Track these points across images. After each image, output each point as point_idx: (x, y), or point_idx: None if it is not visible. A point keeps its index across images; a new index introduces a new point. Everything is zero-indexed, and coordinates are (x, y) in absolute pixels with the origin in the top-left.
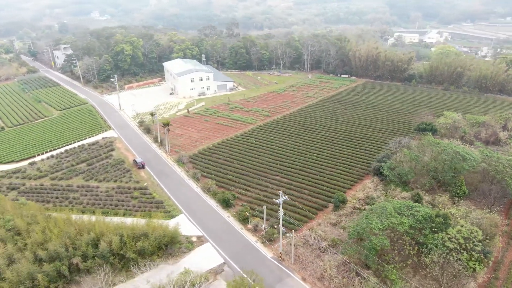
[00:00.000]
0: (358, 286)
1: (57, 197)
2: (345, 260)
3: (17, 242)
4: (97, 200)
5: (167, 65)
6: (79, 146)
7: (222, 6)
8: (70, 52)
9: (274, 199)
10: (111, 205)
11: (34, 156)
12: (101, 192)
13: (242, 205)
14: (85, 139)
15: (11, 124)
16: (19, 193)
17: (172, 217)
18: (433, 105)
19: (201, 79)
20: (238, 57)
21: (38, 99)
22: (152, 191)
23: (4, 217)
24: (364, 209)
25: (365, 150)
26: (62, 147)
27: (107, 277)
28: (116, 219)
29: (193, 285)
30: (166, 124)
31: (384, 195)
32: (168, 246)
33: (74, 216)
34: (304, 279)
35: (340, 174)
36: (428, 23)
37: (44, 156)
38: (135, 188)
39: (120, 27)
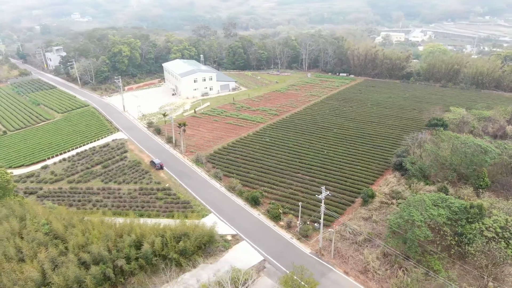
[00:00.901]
0: (402, 277)
1: (79, 200)
2: (384, 253)
3: (57, 246)
4: (121, 202)
5: (167, 65)
6: (90, 148)
7: (205, 7)
8: (63, 53)
9: (301, 195)
10: (137, 206)
11: (44, 160)
12: (123, 194)
13: (270, 203)
14: (94, 141)
15: (13, 128)
16: (38, 197)
17: (202, 216)
18: (434, 101)
19: (204, 79)
20: (236, 57)
21: (36, 102)
22: (175, 192)
23: (39, 221)
24: (392, 203)
25: (379, 146)
26: (72, 150)
27: (152, 277)
28: (148, 221)
29: (241, 282)
30: (182, 125)
31: (407, 189)
32: (206, 246)
33: (105, 219)
34: (346, 273)
35: (360, 170)
36: (410, 22)
37: (56, 159)
38: (158, 189)
39: (110, 28)
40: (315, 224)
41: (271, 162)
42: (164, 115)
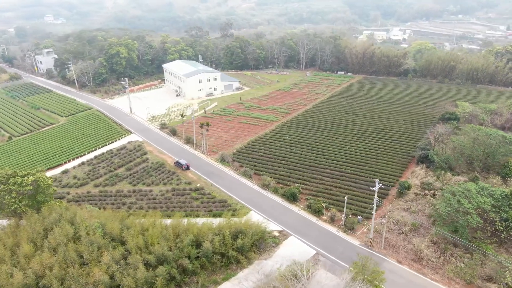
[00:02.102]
0: (455, 263)
1: (112, 203)
2: (432, 241)
3: (116, 248)
4: (156, 203)
5: (167, 66)
6: (107, 151)
7: (184, 7)
8: (53, 56)
9: (335, 190)
10: (174, 207)
11: (61, 164)
12: (156, 195)
13: (306, 199)
14: (109, 144)
15: (17, 133)
16: (68, 201)
17: (243, 214)
18: (435, 97)
19: (209, 80)
20: (234, 57)
21: (35, 106)
22: (209, 191)
23: (93, 224)
24: (425, 194)
25: (396, 140)
26: (88, 153)
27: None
28: (196, 220)
29: (305, 275)
30: (205, 124)
31: (436, 180)
32: (259, 242)
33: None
34: (399, 262)
35: (386, 164)
36: (387, 22)
37: (74, 163)
38: (190, 189)
39: (97, 29)
40: (358, 217)
41: (296, 159)
42: (182, 115)
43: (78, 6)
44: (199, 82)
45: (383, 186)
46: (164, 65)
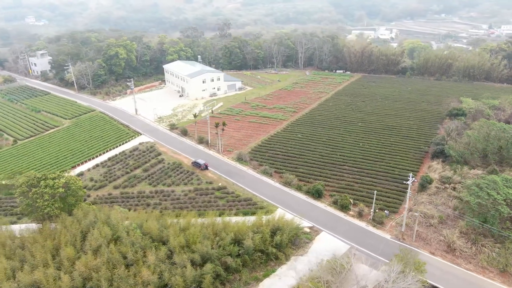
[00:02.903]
0: (487, 252)
1: (136, 204)
2: (461, 232)
3: (158, 248)
4: (181, 203)
5: (168, 67)
6: (120, 153)
7: (169, 8)
8: (48, 58)
9: (357, 186)
10: (200, 206)
11: (74, 167)
12: (180, 195)
13: (330, 195)
14: (119, 145)
15: (22, 136)
16: (90, 204)
17: (271, 212)
18: (435, 93)
19: (212, 80)
20: (233, 57)
21: (36, 109)
22: (233, 190)
23: (131, 224)
24: (445, 187)
25: (406, 136)
26: (99, 155)
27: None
28: (226, 219)
29: (346, 269)
30: (222, 124)
31: (454, 174)
32: (293, 238)
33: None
34: (432, 253)
35: (401, 159)
36: (372, 21)
37: (88, 165)
38: (213, 189)
39: (89, 31)
40: (385, 212)
41: (313, 157)
42: (195, 116)
43: (61, 7)
44: (203, 82)
45: (415, 179)
46: (164, 66)
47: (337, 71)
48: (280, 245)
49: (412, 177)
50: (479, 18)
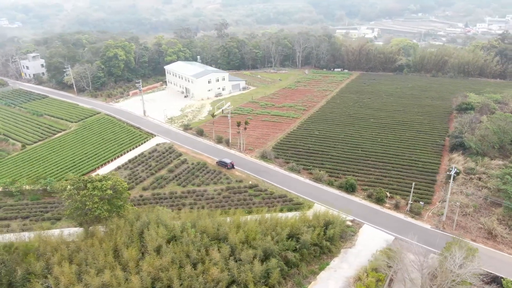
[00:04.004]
0: None
1: (171, 205)
2: (498, 219)
3: (216, 245)
4: (217, 202)
5: (170, 68)
6: (139, 154)
7: (148, 9)
8: (39, 60)
9: (386, 180)
10: (236, 205)
11: (94, 170)
12: (213, 195)
13: (363, 189)
14: (135, 147)
15: (29, 141)
16: (133, 206)
17: (309, 207)
18: (436, 89)
19: (217, 80)
20: (231, 57)
21: (37, 113)
22: (265, 188)
23: (185, 224)
24: (471, 178)
25: (419, 131)
26: (117, 158)
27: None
28: (267, 215)
29: (397, 257)
30: (244, 123)
31: (476, 165)
32: (341, 232)
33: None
34: (473, 241)
35: (420, 153)
36: (352, 21)
37: (109, 168)
38: (245, 187)
39: (77, 32)
40: (420, 203)
41: (336, 153)
42: (213, 115)
43: (35, 9)
44: (208, 82)
45: (458, 170)
46: (166, 67)
47: (335, 69)
48: (332, 238)
49: (455, 168)
50: (455, 17)
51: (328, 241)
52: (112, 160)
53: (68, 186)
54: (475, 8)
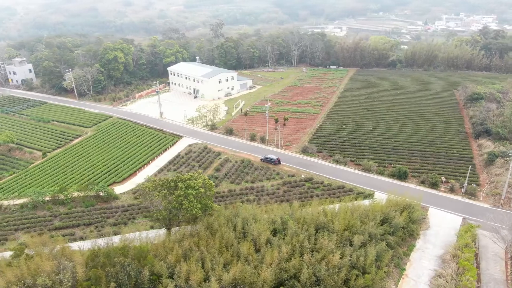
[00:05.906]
0: None
1: (235, 201)
2: None
3: (319, 233)
4: (280, 196)
5: (174, 69)
6: (176, 156)
7: (110, 12)
8: (26, 66)
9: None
10: (300, 197)
11: (135, 173)
12: (272, 190)
13: (413, 176)
14: (167, 149)
15: (48, 148)
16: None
17: (371, 195)
18: (435, 82)
19: (227, 80)
20: (228, 57)
21: (44, 119)
22: (321, 180)
23: (283, 216)
24: (506, 161)
25: (439, 120)
26: (152, 161)
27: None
28: (349, 204)
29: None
30: (284, 119)
31: (508, 149)
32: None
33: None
34: None
35: (449, 140)
36: (316, 20)
37: (150, 171)
38: (301, 181)
39: (58, 35)
40: (473, 184)
41: (372, 144)
42: (246, 114)
43: None
44: (219, 82)
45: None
46: (169, 68)
47: (331, 66)
48: (414, 221)
49: (510, 154)
50: (412, 16)
51: (414, 224)
52: (148, 163)
53: (158, 188)
54: (430, 7)
